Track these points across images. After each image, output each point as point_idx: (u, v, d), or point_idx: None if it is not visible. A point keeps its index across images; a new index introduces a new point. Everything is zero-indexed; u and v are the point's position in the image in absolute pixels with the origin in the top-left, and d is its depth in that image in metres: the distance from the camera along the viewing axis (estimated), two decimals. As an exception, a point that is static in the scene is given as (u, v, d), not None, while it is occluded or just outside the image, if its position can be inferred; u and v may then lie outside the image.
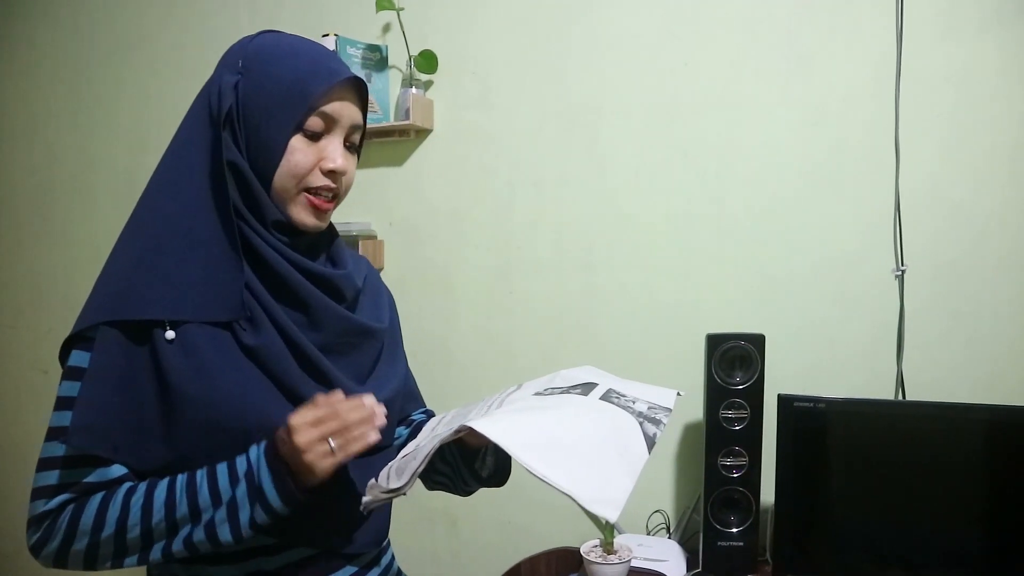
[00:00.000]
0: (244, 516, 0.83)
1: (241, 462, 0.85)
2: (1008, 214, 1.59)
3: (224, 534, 0.83)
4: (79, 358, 0.87)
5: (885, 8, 1.63)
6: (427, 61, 1.91)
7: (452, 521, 1.99)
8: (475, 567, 1.97)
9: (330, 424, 0.83)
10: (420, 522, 1.99)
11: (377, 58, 1.93)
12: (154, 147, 2.28)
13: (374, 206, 2.01)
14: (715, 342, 1.56)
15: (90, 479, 0.85)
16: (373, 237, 2.01)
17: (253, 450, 0.85)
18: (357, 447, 0.84)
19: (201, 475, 0.85)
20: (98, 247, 2.36)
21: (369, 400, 0.85)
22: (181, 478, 0.85)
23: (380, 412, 0.85)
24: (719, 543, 1.57)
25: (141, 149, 2.32)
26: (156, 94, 2.29)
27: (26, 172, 2.51)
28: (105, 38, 2.36)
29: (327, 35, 1.86)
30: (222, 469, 0.85)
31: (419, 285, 1.99)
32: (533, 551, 1.81)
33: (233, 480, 0.84)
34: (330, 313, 0.95)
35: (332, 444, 0.82)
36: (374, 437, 0.84)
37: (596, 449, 0.79)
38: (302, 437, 0.82)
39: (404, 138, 1.97)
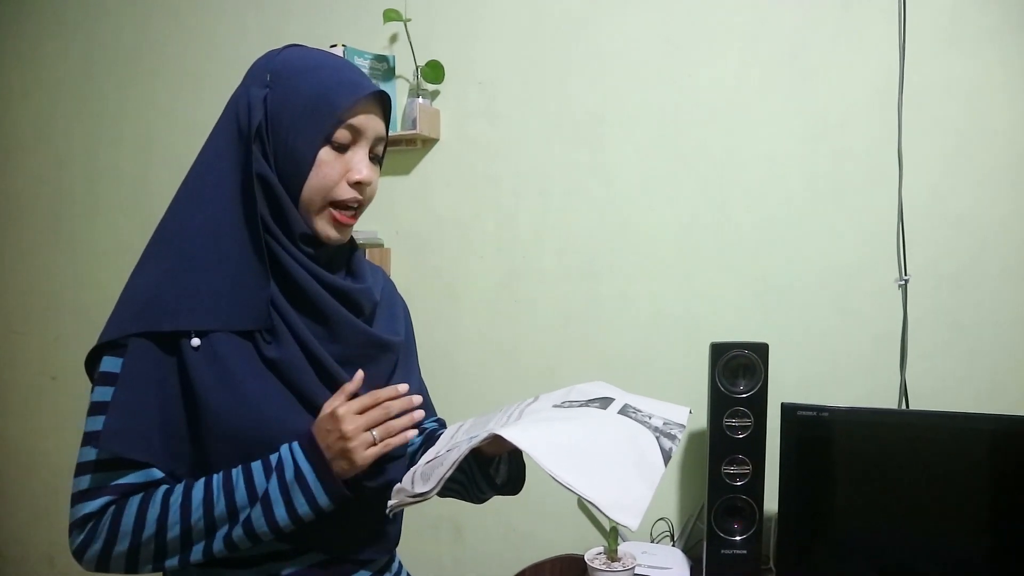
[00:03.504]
0: (280, 509, 0.85)
1: (274, 458, 0.87)
2: (1011, 224, 1.60)
3: (261, 526, 0.85)
4: (111, 364, 0.89)
5: (888, 19, 1.64)
6: (434, 71, 1.93)
7: (457, 528, 2.00)
8: (479, 574, 1.98)
9: (374, 413, 0.86)
10: (425, 529, 2.00)
11: (384, 68, 1.94)
12: (161, 156, 2.31)
13: (381, 215, 2.03)
14: (719, 351, 1.57)
15: (131, 480, 0.87)
16: (380, 245, 2.03)
17: (284, 448, 0.87)
18: (397, 441, 0.87)
19: (237, 473, 0.87)
20: (106, 255, 2.39)
21: (403, 388, 0.89)
22: (217, 477, 0.87)
23: (417, 401, 0.89)
24: (722, 551, 1.58)
25: (149, 158, 2.34)
26: (164, 104, 2.31)
27: (35, 180, 2.53)
28: (114, 48, 2.39)
29: (335, 45, 1.88)
30: (257, 466, 0.87)
31: (425, 293, 2.00)
32: (537, 558, 1.81)
33: (267, 474, 0.86)
34: (349, 327, 0.96)
35: (375, 435, 0.86)
36: (412, 434, 0.88)
37: (617, 460, 0.82)
38: (349, 425, 0.85)
39: (411, 147, 1.99)
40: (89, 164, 2.44)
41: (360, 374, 0.90)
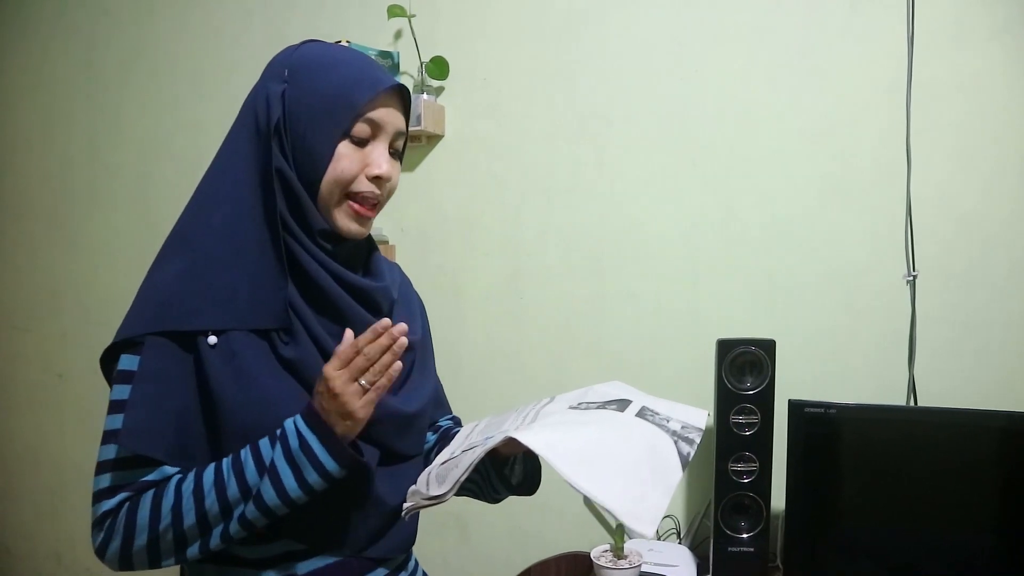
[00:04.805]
0: (289, 480, 0.84)
1: (279, 431, 0.87)
2: (1018, 220, 1.59)
3: (272, 499, 0.84)
4: (129, 362, 0.89)
5: (896, 15, 1.63)
6: (438, 67, 1.92)
7: (463, 526, 2.00)
8: (486, 572, 1.98)
9: (357, 362, 0.86)
10: (431, 527, 1.99)
11: (389, 64, 1.94)
12: (167, 154, 2.31)
13: (385, 211, 1.98)
14: (726, 348, 1.56)
15: (149, 478, 0.87)
16: (385, 242, 2.02)
17: (288, 421, 0.87)
18: (384, 382, 0.87)
19: (245, 452, 0.87)
20: (112, 252, 2.39)
21: (384, 324, 0.87)
22: (227, 459, 0.87)
23: (399, 332, 0.87)
24: (729, 548, 1.57)
25: (154, 155, 2.34)
26: (169, 101, 2.31)
27: (41, 178, 2.53)
28: (119, 46, 2.39)
29: (339, 41, 1.87)
30: (264, 441, 0.87)
31: (429, 290, 1.98)
32: (543, 556, 1.81)
33: (272, 445, 0.86)
34: (366, 326, 0.96)
35: (363, 382, 0.86)
36: (398, 367, 0.87)
37: (634, 465, 0.81)
38: (337, 381, 0.85)
39: (415, 144, 1.99)
40: (93, 161, 2.44)
41: (349, 333, 0.89)
